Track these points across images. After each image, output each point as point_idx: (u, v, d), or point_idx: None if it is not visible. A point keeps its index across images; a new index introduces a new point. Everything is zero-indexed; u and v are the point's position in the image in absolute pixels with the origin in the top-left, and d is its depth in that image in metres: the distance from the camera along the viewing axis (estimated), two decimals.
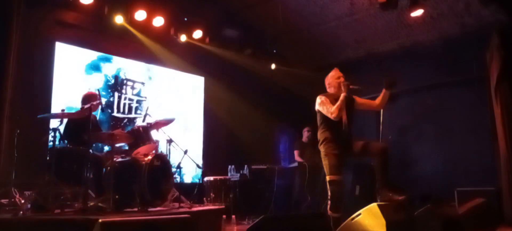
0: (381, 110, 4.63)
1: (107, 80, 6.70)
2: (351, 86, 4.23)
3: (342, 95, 4.16)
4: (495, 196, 5.77)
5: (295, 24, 7.82)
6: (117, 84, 6.84)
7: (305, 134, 7.33)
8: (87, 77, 6.44)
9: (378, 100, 4.42)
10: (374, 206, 3.56)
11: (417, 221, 3.61)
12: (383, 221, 3.37)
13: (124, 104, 6.89)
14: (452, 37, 7.06)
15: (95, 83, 6.48)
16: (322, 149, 4.27)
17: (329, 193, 4.14)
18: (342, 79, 4.33)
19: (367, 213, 3.55)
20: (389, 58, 7.95)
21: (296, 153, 7.22)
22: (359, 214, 3.57)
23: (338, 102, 4.13)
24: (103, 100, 6.11)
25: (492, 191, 5.89)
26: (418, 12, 6.43)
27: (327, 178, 4.17)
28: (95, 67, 6.56)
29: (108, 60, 6.73)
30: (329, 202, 4.13)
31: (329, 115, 4.16)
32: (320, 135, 4.32)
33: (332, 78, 4.42)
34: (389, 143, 7.03)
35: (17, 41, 5.15)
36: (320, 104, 4.28)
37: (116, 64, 6.86)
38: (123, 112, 6.88)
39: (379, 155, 4.13)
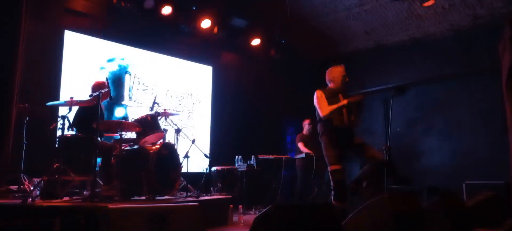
0: (391, 102, 4.60)
1: (117, 70, 6.71)
2: (353, 100, 4.33)
3: (343, 102, 4.29)
4: (504, 190, 5.74)
5: (304, 14, 7.75)
6: (127, 73, 6.84)
7: (306, 127, 7.26)
8: (98, 69, 6.45)
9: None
10: (382, 197, 3.53)
11: (425, 213, 3.59)
12: (391, 213, 3.34)
13: (132, 93, 6.90)
14: (463, 28, 6.97)
15: (105, 73, 6.49)
16: (322, 140, 4.32)
17: (332, 183, 4.19)
18: (347, 79, 4.45)
19: (375, 204, 3.53)
20: (399, 49, 7.87)
21: (301, 144, 7.08)
22: (367, 206, 3.55)
23: (334, 106, 4.27)
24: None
25: (501, 184, 5.85)
26: (429, 3, 6.37)
27: (329, 168, 4.22)
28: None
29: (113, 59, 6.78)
30: (332, 192, 4.17)
31: (320, 112, 4.33)
32: (320, 127, 4.39)
33: (338, 73, 4.45)
34: (397, 136, 7.06)
35: (26, 28, 5.15)
36: (316, 100, 4.40)
37: (124, 53, 6.85)
38: (132, 101, 6.89)
39: (373, 164, 4.28)
